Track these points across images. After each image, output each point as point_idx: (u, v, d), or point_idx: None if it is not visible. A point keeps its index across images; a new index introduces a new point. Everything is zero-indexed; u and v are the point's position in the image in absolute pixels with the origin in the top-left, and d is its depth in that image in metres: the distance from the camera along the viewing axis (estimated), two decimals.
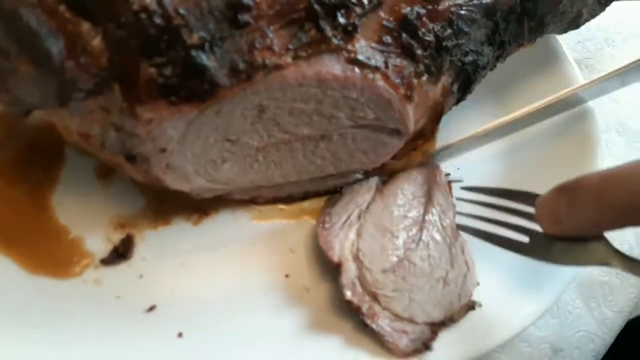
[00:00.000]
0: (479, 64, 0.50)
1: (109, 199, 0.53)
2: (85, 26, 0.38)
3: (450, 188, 0.55)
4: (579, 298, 0.56)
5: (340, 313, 0.47)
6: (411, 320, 0.46)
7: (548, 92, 0.58)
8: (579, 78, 0.60)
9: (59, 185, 0.53)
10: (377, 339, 0.45)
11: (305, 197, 0.55)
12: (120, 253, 0.50)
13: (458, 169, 0.58)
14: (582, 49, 0.72)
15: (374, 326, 0.45)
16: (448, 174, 0.57)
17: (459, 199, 0.54)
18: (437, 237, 0.51)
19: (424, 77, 0.46)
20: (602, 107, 0.67)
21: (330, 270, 0.49)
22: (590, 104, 0.57)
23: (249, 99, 0.42)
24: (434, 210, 0.53)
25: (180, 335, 0.46)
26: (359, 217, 0.52)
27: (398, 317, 0.46)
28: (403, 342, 0.45)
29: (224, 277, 0.50)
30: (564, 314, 0.55)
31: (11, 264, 0.49)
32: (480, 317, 0.47)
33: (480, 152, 0.58)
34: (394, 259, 0.49)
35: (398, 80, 0.45)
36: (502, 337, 0.46)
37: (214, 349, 0.46)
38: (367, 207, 0.52)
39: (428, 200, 0.53)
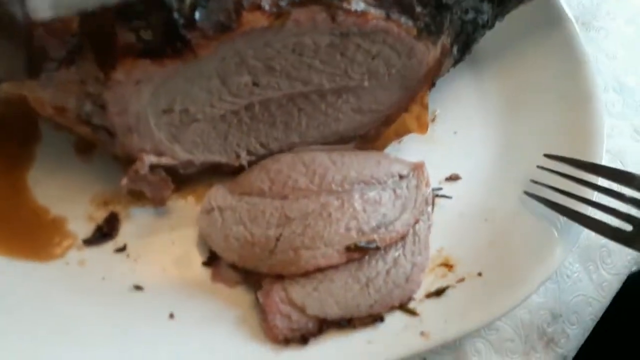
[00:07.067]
0: (478, 22, 0.48)
1: (90, 176, 0.50)
2: None
3: (433, 201, 0.50)
4: (578, 262, 0.55)
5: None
6: (302, 310, 0.43)
7: (546, 47, 0.56)
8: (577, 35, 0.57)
9: (35, 163, 0.49)
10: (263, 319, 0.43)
11: None
12: (105, 232, 0.48)
13: (455, 133, 0.56)
14: (577, 5, 0.69)
15: (260, 300, 0.43)
16: (439, 189, 0.52)
17: (543, 168, 0.49)
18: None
19: (424, 36, 0.44)
20: (599, 65, 0.65)
21: None
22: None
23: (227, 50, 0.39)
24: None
25: (171, 316, 0.44)
26: None
27: (291, 302, 0.43)
28: (281, 327, 0.42)
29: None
30: (563, 278, 0.54)
31: None
32: (485, 286, 0.46)
33: (476, 117, 0.56)
34: None
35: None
36: (507, 307, 0.45)
37: (206, 331, 0.43)
38: None
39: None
